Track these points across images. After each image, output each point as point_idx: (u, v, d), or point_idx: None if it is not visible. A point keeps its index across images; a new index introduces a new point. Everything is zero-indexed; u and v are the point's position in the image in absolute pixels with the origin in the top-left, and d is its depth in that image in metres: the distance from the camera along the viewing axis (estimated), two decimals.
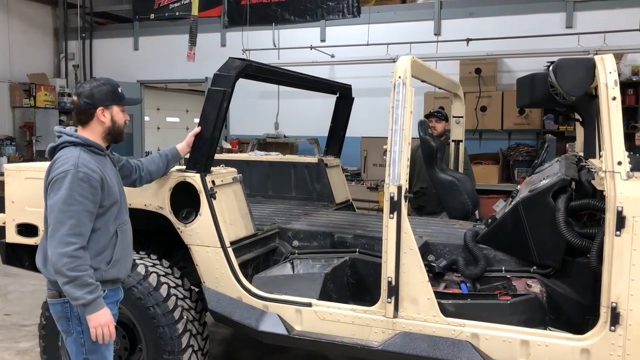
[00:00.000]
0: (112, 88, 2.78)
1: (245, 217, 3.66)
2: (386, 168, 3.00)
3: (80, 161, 2.59)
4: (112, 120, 2.76)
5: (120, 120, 2.81)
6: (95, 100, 2.72)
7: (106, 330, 2.62)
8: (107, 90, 2.75)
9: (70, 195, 2.53)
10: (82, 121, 2.77)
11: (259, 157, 5.48)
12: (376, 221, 4.25)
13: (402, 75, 2.98)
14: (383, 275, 3.04)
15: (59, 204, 2.54)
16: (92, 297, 2.55)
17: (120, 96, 2.81)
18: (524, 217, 3.30)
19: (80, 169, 2.57)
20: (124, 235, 2.84)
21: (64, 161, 2.60)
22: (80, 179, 2.55)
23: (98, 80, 2.81)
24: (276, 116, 10.31)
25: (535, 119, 8.44)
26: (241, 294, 3.32)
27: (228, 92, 3.35)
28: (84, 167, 2.58)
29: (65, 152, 2.65)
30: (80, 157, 2.62)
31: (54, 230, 2.54)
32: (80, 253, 2.54)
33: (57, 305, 2.71)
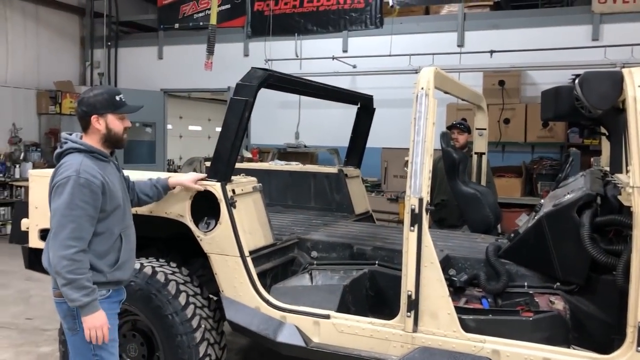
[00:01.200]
0: (108, 96, 2.82)
1: (265, 226, 3.65)
2: (407, 180, 2.97)
3: (82, 167, 2.68)
4: (107, 127, 2.81)
5: (117, 127, 2.85)
6: (90, 108, 2.79)
7: (99, 333, 2.69)
8: (102, 99, 2.80)
9: (72, 200, 2.63)
10: (82, 128, 2.86)
11: (279, 166, 5.48)
12: (396, 233, 4.22)
13: (425, 86, 2.96)
14: (403, 289, 3.00)
15: (61, 209, 2.65)
16: (88, 299, 2.63)
17: (116, 104, 2.83)
18: (548, 232, 3.24)
19: (81, 175, 2.66)
20: (127, 239, 2.91)
21: (67, 167, 2.71)
22: (81, 184, 2.64)
23: (97, 89, 2.87)
24: (297, 126, 10.33)
25: (559, 132, 8.33)
26: (259, 304, 3.31)
27: (250, 101, 3.35)
28: (85, 173, 2.67)
29: (69, 159, 2.75)
30: (83, 164, 2.70)
31: (55, 233, 2.66)
32: (80, 256, 2.63)
33: (64, 304, 2.76)
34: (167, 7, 11.67)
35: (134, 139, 11.79)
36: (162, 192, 3.33)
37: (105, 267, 2.78)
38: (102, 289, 2.77)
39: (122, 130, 2.87)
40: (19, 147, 11.10)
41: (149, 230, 3.52)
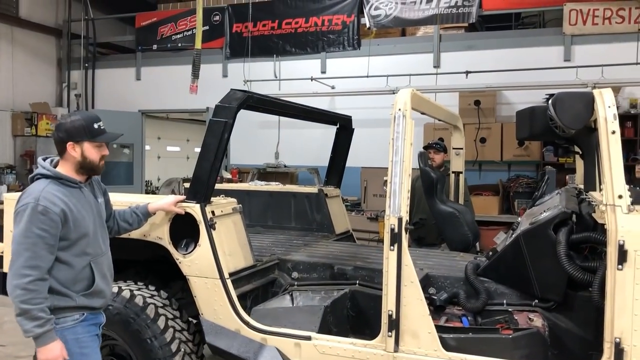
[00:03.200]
0: (85, 124, 2.75)
1: (245, 248, 3.64)
2: (386, 199, 2.99)
3: (42, 194, 2.62)
4: (82, 155, 2.75)
5: (93, 155, 2.78)
6: (66, 135, 2.74)
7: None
8: (79, 125, 2.74)
9: (29, 228, 2.57)
10: (59, 152, 2.81)
11: (259, 187, 5.48)
12: (376, 253, 4.23)
13: (402, 107, 3.00)
14: (383, 309, 3.00)
15: (18, 237, 2.60)
16: (40, 330, 2.55)
17: (93, 132, 2.76)
18: (525, 250, 3.28)
19: (40, 202, 2.59)
20: (98, 267, 2.81)
21: (28, 194, 2.66)
22: (39, 212, 2.58)
23: (75, 115, 2.82)
24: (276, 146, 10.34)
25: (534, 151, 8.47)
26: (239, 326, 3.28)
27: (229, 123, 3.36)
28: (45, 200, 2.60)
29: (34, 185, 2.71)
30: (45, 190, 2.63)
31: (12, 261, 2.60)
32: (35, 285, 2.54)
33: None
34: (145, 28, 11.67)
35: (112, 160, 11.68)
36: (142, 218, 3.28)
37: (73, 293, 2.72)
38: (74, 313, 2.72)
39: (98, 158, 2.81)
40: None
41: (127, 252, 3.49)
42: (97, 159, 2.81)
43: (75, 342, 2.73)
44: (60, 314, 2.69)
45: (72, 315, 2.72)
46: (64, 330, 2.70)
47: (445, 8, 9.04)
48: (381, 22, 9.45)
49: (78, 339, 2.75)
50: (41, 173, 2.73)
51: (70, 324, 2.72)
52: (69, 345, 2.70)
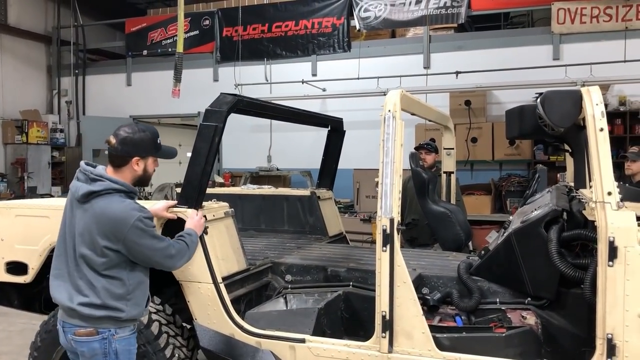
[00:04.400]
0: (152, 138, 2.84)
1: (238, 252, 3.64)
2: (378, 200, 3.00)
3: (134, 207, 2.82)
4: (144, 170, 2.83)
5: (152, 170, 2.90)
6: (134, 150, 2.77)
7: (202, 223, 3.22)
8: (148, 140, 2.81)
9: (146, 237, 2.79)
10: (116, 164, 2.80)
11: (251, 190, 5.48)
12: (369, 254, 4.23)
13: (392, 108, 3.01)
14: (377, 310, 3.01)
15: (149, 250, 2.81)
16: (196, 238, 3.05)
17: (157, 147, 2.87)
18: (517, 248, 3.29)
19: (141, 213, 2.82)
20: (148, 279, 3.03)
21: (123, 211, 2.76)
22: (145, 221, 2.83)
23: (139, 129, 2.83)
24: (269, 149, 10.35)
25: (525, 150, 8.52)
26: (233, 330, 3.28)
27: (220, 127, 3.36)
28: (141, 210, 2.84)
29: (114, 204, 2.73)
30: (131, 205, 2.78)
31: (163, 259, 2.83)
32: (175, 249, 2.86)
33: (95, 343, 2.73)
34: (135, 34, 11.66)
35: None
36: None
37: (139, 304, 2.85)
38: (130, 324, 2.83)
39: (153, 171, 2.91)
40: None
41: None
42: (152, 171, 2.91)
43: (127, 353, 2.82)
44: (122, 324, 2.77)
45: (129, 326, 2.81)
46: (122, 340, 2.77)
47: (435, 9, 9.08)
48: (371, 24, 9.49)
49: (130, 350, 2.84)
50: (113, 188, 2.72)
51: (127, 334, 2.80)
52: (122, 357, 2.78)
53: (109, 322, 2.72)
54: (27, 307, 4.15)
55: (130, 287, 2.75)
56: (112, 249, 2.67)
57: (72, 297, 2.71)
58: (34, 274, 3.66)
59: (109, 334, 2.71)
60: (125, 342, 2.77)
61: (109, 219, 2.66)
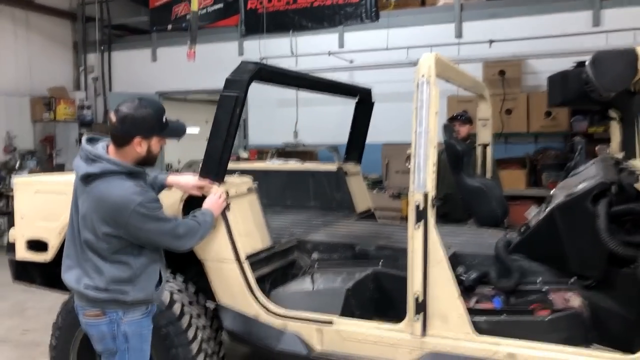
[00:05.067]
0: (157, 117, 2.56)
1: (262, 229, 3.47)
2: (410, 174, 2.78)
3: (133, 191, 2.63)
4: (148, 150, 2.60)
5: (157, 149, 2.65)
6: (134, 129, 2.53)
7: (221, 203, 3.05)
8: (151, 119, 2.54)
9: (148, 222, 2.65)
10: (115, 143, 2.58)
11: (276, 165, 5.30)
12: (400, 231, 4.02)
13: (426, 73, 2.77)
14: (409, 291, 2.81)
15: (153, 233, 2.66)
16: (211, 219, 2.90)
17: (163, 126, 2.60)
18: (561, 224, 3.05)
19: (140, 199, 2.65)
20: (163, 259, 2.89)
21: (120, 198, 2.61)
22: (146, 206, 2.67)
23: (143, 105, 2.54)
24: (295, 124, 10.14)
25: (562, 121, 8.13)
26: (258, 311, 3.13)
27: (241, 97, 3.17)
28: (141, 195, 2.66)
29: (112, 188, 2.56)
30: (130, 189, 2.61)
31: (172, 239, 2.68)
32: (184, 229, 2.71)
33: (102, 325, 2.62)
34: (159, 8, 11.47)
35: None
36: (157, 190, 3.04)
37: (149, 287, 2.69)
38: (142, 306, 2.69)
39: (159, 151, 2.68)
40: (14, 156, 10.93)
41: None
42: (158, 151, 2.68)
43: (139, 337, 2.68)
44: (130, 307, 2.63)
45: (142, 308, 2.67)
46: (132, 322, 2.63)
47: None
48: None
49: (142, 334, 2.69)
50: (112, 170, 2.51)
51: (138, 316, 2.66)
52: (132, 340, 2.64)
53: (115, 305, 2.59)
54: (50, 285, 4.07)
55: (138, 270, 2.60)
56: (113, 235, 2.53)
57: (79, 279, 2.60)
58: (54, 253, 3.56)
59: (116, 317, 2.59)
60: (135, 325, 2.64)
61: (108, 205, 2.49)
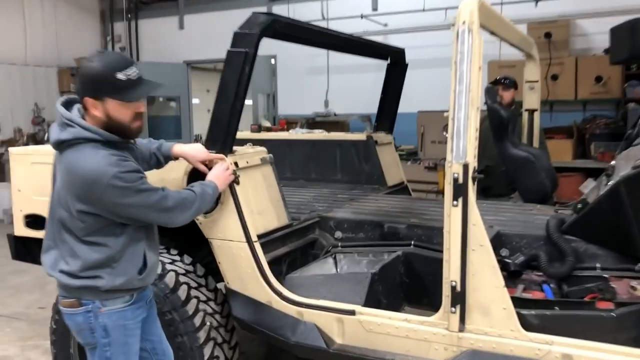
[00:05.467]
0: (105, 73, 2.08)
1: (277, 205, 3.08)
2: (448, 142, 2.34)
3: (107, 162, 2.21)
4: (107, 115, 2.14)
5: (123, 116, 2.15)
6: (81, 87, 2.14)
7: (227, 176, 2.67)
8: (97, 75, 2.09)
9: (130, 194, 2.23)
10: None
11: (300, 135, 4.89)
12: (435, 207, 3.60)
13: (468, 20, 2.30)
14: (445, 279, 2.39)
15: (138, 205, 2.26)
16: (212, 190, 2.51)
17: (117, 86, 2.09)
18: (627, 200, 2.57)
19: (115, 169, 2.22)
20: (151, 237, 2.44)
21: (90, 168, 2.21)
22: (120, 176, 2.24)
23: (97, 58, 2.12)
24: (326, 93, 9.70)
25: (614, 87, 7.46)
26: (271, 297, 2.76)
27: (250, 53, 2.75)
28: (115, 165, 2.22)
29: (81, 157, 2.17)
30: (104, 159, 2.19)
31: (159, 212, 2.27)
32: (177, 200, 2.32)
33: (78, 316, 2.26)
34: None
35: (159, 114, 11.42)
36: (163, 161, 2.69)
37: (131, 272, 2.27)
38: (125, 294, 2.28)
39: (129, 118, 2.16)
40: (42, 127, 10.82)
41: None
42: (128, 120, 2.17)
43: (121, 330, 2.29)
44: (107, 295, 2.24)
45: (124, 296, 2.28)
46: (112, 313, 2.25)
47: None
48: None
49: (126, 326, 2.30)
50: (84, 137, 2.11)
51: (120, 306, 2.27)
52: (114, 333, 2.26)
53: (90, 293, 2.22)
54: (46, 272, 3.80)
55: (117, 253, 2.21)
56: (88, 213, 2.13)
57: (55, 263, 2.24)
58: None
59: (93, 307, 2.22)
60: (117, 316, 2.26)
61: (78, 177, 2.10)
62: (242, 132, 5.41)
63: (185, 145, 2.74)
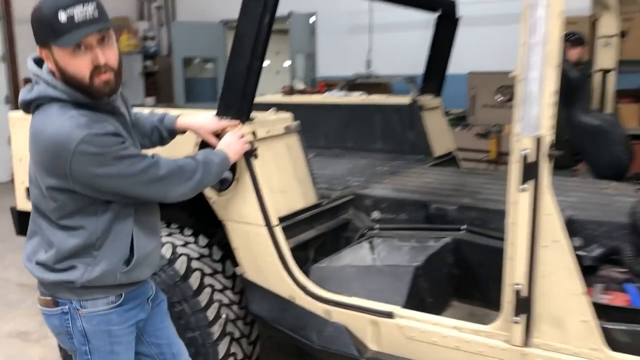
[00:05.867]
0: (50, 15, 1.63)
1: (304, 181, 2.63)
2: (516, 109, 1.83)
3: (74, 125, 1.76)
4: (57, 66, 1.70)
5: (75, 68, 1.69)
6: (34, 35, 1.71)
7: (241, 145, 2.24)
8: (42, 19, 1.65)
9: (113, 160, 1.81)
10: None
11: (335, 98, 4.40)
12: (491, 183, 3.08)
13: None
14: (507, 280, 1.92)
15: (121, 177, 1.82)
16: (215, 158, 2.04)
17: (57, 30, 1.63)
18: None
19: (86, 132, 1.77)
20: (143, 224, 1.95)
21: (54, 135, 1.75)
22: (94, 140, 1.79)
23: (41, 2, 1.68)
24: (368, 53, 9.10)
25: None
26: (294, 292, 2.34)
27: (270, 0, 2.27)
28: (86, 128, 1.77)
29: (44, 120, 1.76)
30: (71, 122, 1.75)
31: (149, 187, 1.82)
32: (174, 170, 1.88)
33: (54, 318, 1.87)
34: None
35: (195, 76, 11.08)
36: (167, 135, 2.26)
37: (116, 266, 1.84)
38: (109, 294, 1.86)
39: (85, 70, 1.69)
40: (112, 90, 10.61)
41: None
42: (85, 73, 1.69)
43: (105, 336, 1.87)
44: (90, 294, 1.84)
45: (107, 296, 1.86)
46: (92, 317, 1.84)
47: None
48: None
49: (110, 331, 1.88)
50: (50, 95, 1.72)
51: (103, 309, 1.86)
52: (95, 340, 1.86)
53: (65, 290, 1.82)
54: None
55: (99, 239, 1.79)
56: (60, 189, 1.72)
57: (34, 253, 1.85)
58: None
59: (70, 308, 1.82)
60: (98, 320, 1.84)
61: (42, 145, 1.68)
62: (271, 96, 4.99)
63: (193, 115, 2.30)
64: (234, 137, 2.22)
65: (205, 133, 2.29)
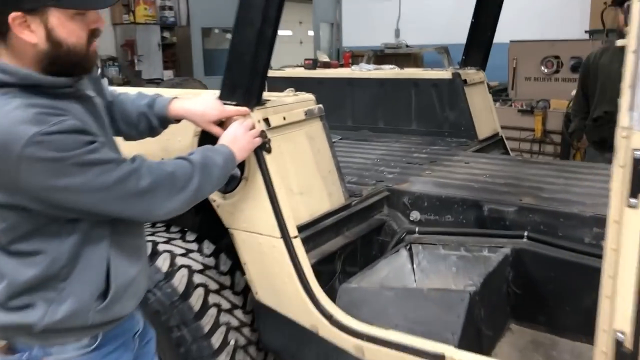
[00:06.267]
0: None
1: (330, 178, 2.15)
2: (624, 95, 1.31)
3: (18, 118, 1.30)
4: (48, 37, 1.29)
5: (73, 36, 1.32)
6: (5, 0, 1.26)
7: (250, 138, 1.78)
8: None
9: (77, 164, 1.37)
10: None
11: (365, 72, 3.88)
12: (555, 176, 2.56)
13: None
14: (602, 324, 1.43)
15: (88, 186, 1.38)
16: (218, 158, 1.62)
17: None
18: None
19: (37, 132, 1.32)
20: (120, 247, 1.51)
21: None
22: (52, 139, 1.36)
23: None
24: (397, 21, 8.53)
25: None
26: (317, 321, 1.87)
27: None
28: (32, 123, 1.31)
29: None
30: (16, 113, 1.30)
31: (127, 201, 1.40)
32: (163, 176, 1.46)
33: None
34: None
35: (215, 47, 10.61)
36: (157, 124, 1.80)
37: (88, 303, 1.43)
38: (82, 337, 1.46)
39: (84, 38, 1.35)
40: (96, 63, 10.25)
41: None
42: (84, 40, 1.35)
43: None
44: (55, 339, 1.43)
45: (81, 339, 1.46)
46: None
47: None
48: None
49: None
50: None
51: (74, 354, 1.46)
52: None
53: (22, 333, 1.40)
54: None
55: (64, 268, 1.36)
56: (8, 206, 1.29)
57: None
58: None
59: (31, 356, 1.41)
60: None
61: None
62: (291, 69, 4.48)
63: (190, 99, 1.83)
64: (241, 129, 1.75)
65: (205, 122, 1.83)
